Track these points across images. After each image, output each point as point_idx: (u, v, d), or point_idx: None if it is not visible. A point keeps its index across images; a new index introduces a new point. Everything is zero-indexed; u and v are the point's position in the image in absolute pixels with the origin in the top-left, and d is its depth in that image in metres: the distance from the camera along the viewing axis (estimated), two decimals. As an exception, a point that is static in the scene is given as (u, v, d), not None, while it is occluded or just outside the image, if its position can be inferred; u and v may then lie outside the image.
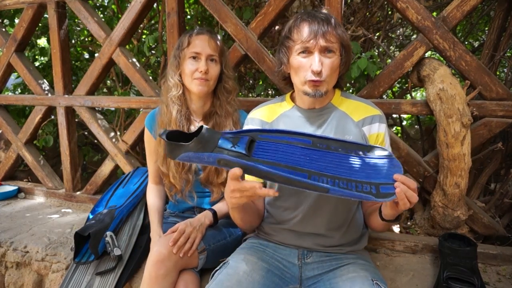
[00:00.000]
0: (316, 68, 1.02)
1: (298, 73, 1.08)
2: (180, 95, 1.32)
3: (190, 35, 1.31)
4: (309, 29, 1.03)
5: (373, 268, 1.08)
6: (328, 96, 1.15)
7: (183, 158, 0.88)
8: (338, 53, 1.06)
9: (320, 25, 1.03)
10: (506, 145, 1.71)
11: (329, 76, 1.05)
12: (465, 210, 1.41)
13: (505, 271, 1.32)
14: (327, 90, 1.08)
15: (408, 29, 2.79)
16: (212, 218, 1.30)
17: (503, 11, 1.62)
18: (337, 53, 1.06)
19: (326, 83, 1.06)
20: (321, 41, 1.02)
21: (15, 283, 1.63)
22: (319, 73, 1.03)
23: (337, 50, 1.06)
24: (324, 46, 1.03)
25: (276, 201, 1.17)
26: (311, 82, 1.05)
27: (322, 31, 1.02)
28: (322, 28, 1.02)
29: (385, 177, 0.85)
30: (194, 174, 1.37)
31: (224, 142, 0.87)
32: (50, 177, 2.23)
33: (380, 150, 0.92)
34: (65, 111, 2.05)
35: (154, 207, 1.41)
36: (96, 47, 2.77)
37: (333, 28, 1.04)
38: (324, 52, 1.04)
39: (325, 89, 1.07)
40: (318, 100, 1.12)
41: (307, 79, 1.05)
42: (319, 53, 1.03)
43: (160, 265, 1.08)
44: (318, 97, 1.07)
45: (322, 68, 1.03)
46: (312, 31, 1.03)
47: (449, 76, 1.34)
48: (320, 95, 1.07)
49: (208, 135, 0.87)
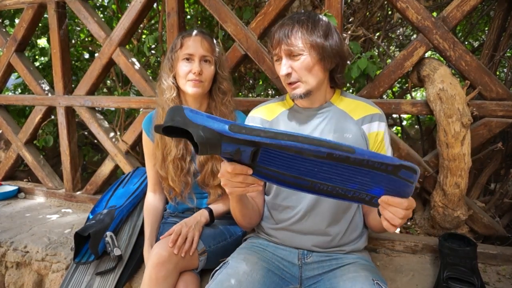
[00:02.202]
0: (282, 73, 1.08)
1: (281, 79, 1.12)
2: (174, 97, 1.32)
3: (183, 36, 1.30)
4: (276, 37, 1.08)
5: (373, 268, 1.08)
6: (324, 95, 1.16)
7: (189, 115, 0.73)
8: (307, 53, 1.05)
9: (284, 31, 1.06)
10: (506, 145, 1.71)
11: (303, 76, 1.07)
12: (465, 210, 1.41)
13: (505, 271, 1.32)
14: (309, 90, 1.09)
15: (408, 29, 2.79)
16: (209, 217, 1.30)
17: (503, 11, 1.63)
18: (305, 53, 1.05)
19: (303, 83, 1.08)
20: (283, 46, 1.06)
21: (15, 283, 1.63)
22: (288, 76, 1.07)
23: (305, 50, 1.05)
24: (288, 50, 1.06)
25: (275, 200, 1.17)
26: (289, 85, 1.10)
27: (284, 36, 1.06)
28: (284, 34, 1.06)
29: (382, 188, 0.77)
30: (192, 177, 1.37)
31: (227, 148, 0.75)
32: (50, 177, 2.23)
33: (406, 170, 0.73)
34: (65, 111, 2.05)
35: (148, 220, 1.39)
36: (96, 47, 2.77)
37: (299, 31, 1.05)
38: (290, 56, 1.07)
39: (304, 89, 1.08)
40: (309, 99, 1.13)
41: (286, 83, 1.10)
42: (286, 58, 1.07)
43: (160, 267, 1.08)
44: (299, 98, 1.10)
45: (292, 71, 1.07)
46: (276, 39, 1.08)
47: (449, 76, 1.34)
48: (299, 96, 1.09)
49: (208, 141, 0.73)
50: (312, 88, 1.09)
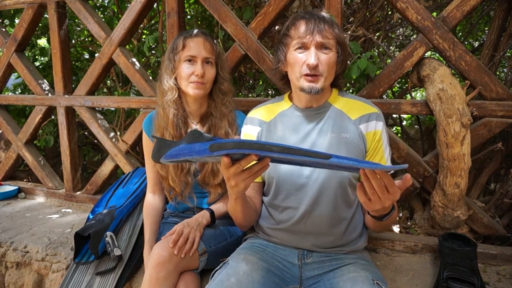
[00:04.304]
0: (312, 62, 1.03)
1: (294, 68, 1.09)
2: (176, 98, 1.32)
3: (184, 37, 1.29)
4: (306, 26, 1.06)
5: (373, 268, 1.08)
6: (325, 95, 1.16)
7: (172, 153, 0.83)
8: (334, 50, 1.07)
9: (316, 22, 1.05)
10: (506, 145, 1.71)
11: (325, 71, 1.06)
12: (465, 210, 1.41)
13: (505, 271, 1.32)
14: (323, 87, 1.08)
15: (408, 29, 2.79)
16: (210, 218, 1.30)
17: (503, 11, 1.63)
18: (333, 50, 1.07)
19: (322, 78, 1.07)
20: (317, 37, 1.04)
21: (15, 283, 1.63)
22: (315, 68, 1.05)
23: (334, 47, 1.07)
24: (320, 42, 1.05)
25: (274, 201, 1.17)
26: (307, 77, 1.06)
27: (319, 28, 1.05)
28: (319, 25, 1.05)
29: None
30: (193, 176, 1.37)
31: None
32: (50, 177, 2.23)
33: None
34: (65, 111, 2.05)
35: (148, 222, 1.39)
36: (96, 47, 2.77)
37: (329, 26, 1.07)
38: (320, 48, 1.06)
39: (321, 85, 1.07)
40: (314, 98, 1.13)
41: (303, 73, 1.06)
42: (315, 49, 1.05)
43: (160, 267, 1.08)
44: (314, 93, 1.07)
45: (319, 63, 1.05)
46: (309, 28, 1.05)
47: (449, 76, 1.34)
48: (316, 91, 1.07)
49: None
50: (326, 86, 1.10)
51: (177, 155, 0.82)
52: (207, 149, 0.75)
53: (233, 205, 1.08)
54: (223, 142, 0.74)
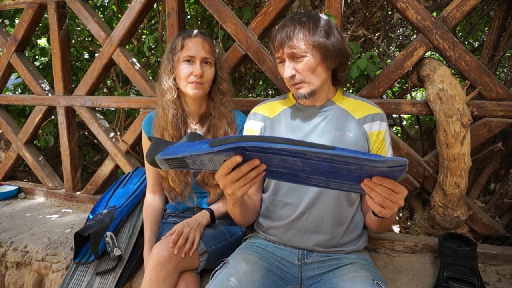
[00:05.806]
0: (286, 75, 1.08)
1: (285, 81, 1.13)
2: (175, 98, 1.32)
3: (183, 37, 1.29)
4: (278, 39, 1.08)
5: (373, 268, 1.08)
6: (328, 94, 1.17)
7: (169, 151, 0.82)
8: (310, 53, 1.05)
9: (285, 32, 1.05)
10: (506, 145, 1.71)
11: (307, 77, 1.07)
12: (465, 210, 1.41)
13: (505, 271, 1.32)
14: (313, 90, 1.09)
15: (408, 29, 2.79)
16: (210, 218, 1.30)
17: (503, 11, 1.63)
18: (308, 55, 1.05)
19: (307, 84, 1.08)
20: (286, 49, 1.06)
21: (15, 283, 1.63)
22: (292, 77, 1.07)
23: (308, 51, 1.05)
24: (290, 53, 1.06)
25: (275, 197, 1.17)
26: (293, 86, 1.10)
27: (286, 38, 1.05)
28: (286, 36, 1.05)
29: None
30: (192, 176, 1.37)
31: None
32: (50, 177, 2.23)
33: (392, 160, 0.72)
34: (65, 111, 2.05)
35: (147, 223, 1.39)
36: (96, 47, 2.77)
37: (300, 32, 1.05)
38: (293, 58, 1.07)
39: (308, 90, 1.09)
40: (314, 98, 1.13)
41: (290, 84, 1.11)
42: (289, 60, 1.07)
43: (160, 267, 1.08)
44: (303, 98, 1.11)
45: (296, 73, 1.07)
46: (278, 41, 1.07)
47: (449, 76, 1.34)
48: (304, 96, 1.09)
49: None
50: (316, 88, 1.10)
51: (174, 152, 0.81)
52: (207, 145, 0.76)
53: (231, 208, 1.09)
54: (225, 138, 0.75)
